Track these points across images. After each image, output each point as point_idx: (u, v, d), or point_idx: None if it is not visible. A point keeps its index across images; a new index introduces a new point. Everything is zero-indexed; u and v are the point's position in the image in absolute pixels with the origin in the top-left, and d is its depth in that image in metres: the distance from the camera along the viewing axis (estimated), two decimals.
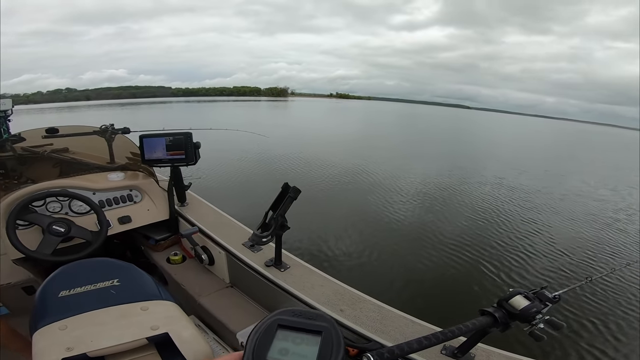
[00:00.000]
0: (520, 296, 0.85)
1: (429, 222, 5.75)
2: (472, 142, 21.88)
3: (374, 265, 4.22)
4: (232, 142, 11.10)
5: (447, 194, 7.48)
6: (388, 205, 6.44)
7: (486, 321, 0.82)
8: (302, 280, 1.49)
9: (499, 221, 5.92)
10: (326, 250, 4.50)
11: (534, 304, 0.82)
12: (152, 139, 1.93)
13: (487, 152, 16.73)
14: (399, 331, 1.20)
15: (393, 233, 5.28)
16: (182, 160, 1.96)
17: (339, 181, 8.05)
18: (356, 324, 1.24)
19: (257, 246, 1.70)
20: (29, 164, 2.30)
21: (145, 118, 26.51)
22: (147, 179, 2.16)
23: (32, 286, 1.89)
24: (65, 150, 2.41)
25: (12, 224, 1.61)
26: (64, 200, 1.83)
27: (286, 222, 1.38)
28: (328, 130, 21.39)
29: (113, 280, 1.26)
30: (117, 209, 2.01)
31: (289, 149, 11.57)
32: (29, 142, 2.34)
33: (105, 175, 2.06)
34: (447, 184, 8.31)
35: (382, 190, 7.44)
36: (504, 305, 0.84)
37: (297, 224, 3.92)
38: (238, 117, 30.56)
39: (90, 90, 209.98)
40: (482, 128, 39.05)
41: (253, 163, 9.61)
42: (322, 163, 9.71)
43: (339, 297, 1.38)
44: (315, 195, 6.78)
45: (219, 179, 7.76)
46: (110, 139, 2.39)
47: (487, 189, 8.20)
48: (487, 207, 6.69)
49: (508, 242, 5.06)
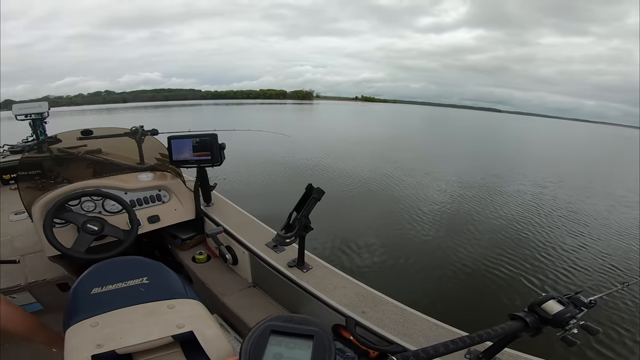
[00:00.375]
0: (554, 301, 0.82)
1: (455, 226, 5.65)
2: (506, 146, 21.17)
3: (398, 268, 4.20)
4: (256, 143, 11.23)
5: (476, 199, 7.32)
6: (413, 209, 6.38)
7: (516, 326, 0.81)
8: (324, 281, 1.50)
9: (531, 227, 5.73)
10: (349, 251, 4.50)
11: (568, 309, 0.80)
12: (179, 140, 1.98)
13: (523, 157, 16.03)
14: (422, 334, 1.19)
15: (417, 235, 5.23)
16: (208, 161, 2.00)
17: (363, 183, 8.02)
18: (378, 326, 1.24)
19: (280, 247, 1.72)
20: (64, 165, 2.41)
21: (177, 120, 27.29)
22: (175, 179, 2.22)
23: (66, 283, 1.95)
24: (99, 151, 2.51)
25: (49, 222, 1.68)
26: (97, 200, 1.91)
27: (310, 223, 1.39)
28: (353, 133, 21.23)
29: (143, 279, 1.29)
30: (147, 208, 2.08)
31: (312, 151, 11.64)
32: (64, 144, 2.45)
33: (135, 176, 2.13)
34: (477, 188, 8.13)
35: (407, 193, 7.38)
36: (536, 309, 0.82)
37: (320, 225, 3.94)
38: (265, 119, 30.79)
39: (127, 93, 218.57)
40: (517, 132, 37.58)
41: (276, 164, 9.69)
42: (346, 165, 9.70)
43: (361, 298, 1.38)
44: (338, 196, 6.80)
45: (242, 180, 7.88)
46: (140, 140, 2.48)
47: (522, 196, 7.88)
48: (520, 213, 6.49)
49: (538, 248, 4.91)
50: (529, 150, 19.09)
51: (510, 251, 4.72)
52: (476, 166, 11.24)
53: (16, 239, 2.29)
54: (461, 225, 5.65)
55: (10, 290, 1.78)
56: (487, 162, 12.55)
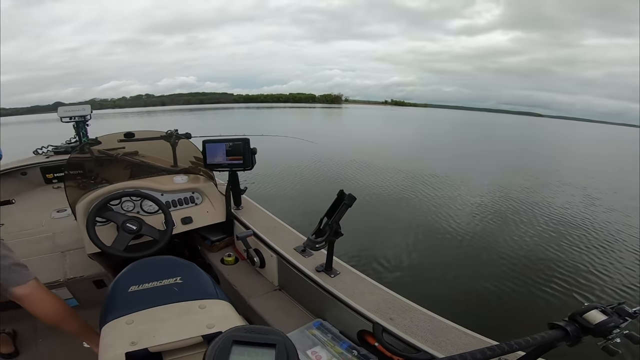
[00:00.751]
0: (597, 310, 0.82)
1: (490, 235, 5.52)
2: (552, 152, 20.15)
3: (428, 276, 4.16)
4: (284, 149, 11.17)
5: (513, 207, 7.08)
6: (445, 217, 6.25)
7: (555, 335, 0.80)
8: (351, 286, 1.50)
9: (580, 242, 5.48)
10: (378, 258, 4.47)
11: (612, 319, 0.79)
12: (214, 144, 2.05)
13: (570, 163, 15.14)
14: (451, 343, 1.17)
15: (450, 243, 5.14)
16: (240, 165, 2.05)
17: (394, 190, 7.93)
18: (406, 333, 1.23)
19: (308, 251, 1.75)
20: (104, 166, 2.54)
21: (211, 124, 28.03)
22: (208, 182, 2.29)
23: (102, 280, 2.03)
24: (135, 153, 2.64)
25: (92, 221, 1.77)
26: (136, 200, 2.00)
27: (340, 228, 1.40)
28: (384, 138, 20.83)
29: (176, 278, 1.32)
30: (181, 210, 2.16)
31: (342, 157, 11.56)
32: (103, 145, 2.59)
33: (171, 178, 2.22)
34: (518, 198, 7.77)
35: (440, 202, 7.20)
36: (577, 319, 0.81)
37: (350, 230, 3.93)
38: (294, 123, 30.97)
39: (165, 96, 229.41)
40: (561, 137, 35.51)
41: (302, 169, 9.70)
42: (378, 171, 9.62)
43: (389, 305, 1.38)
44: (369, 202, 6.76)
45: (271, 185, 7.97)
46: (175, 144, 2.59)
47: (571, 207, 7.39)
48: (568, 225, 6.17)
49: (587, 264, 4.73)
50: (576, 156, 18.07)
51: (554, 266, 4.57)
52: (518, 174, 10.75)
53: (57, 236, 2.42)
54: (499, 234, 5.50)
55: (50, 286, 1.84)
56: (530, 169, 11.89)
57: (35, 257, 2.11)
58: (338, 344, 1.43)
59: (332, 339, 1.46)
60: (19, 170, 3.51)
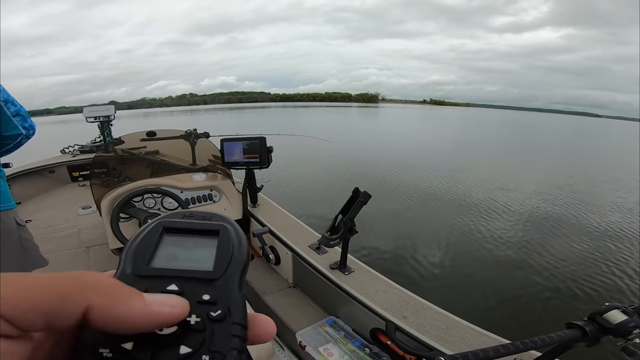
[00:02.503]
0: (617, 310, 0.80)
1: (514, 238, 5.34)
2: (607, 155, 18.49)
3: (444, 275, 4.09)
4: (305, 147, 11.15)
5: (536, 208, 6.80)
6: (466, 219, 6.09)
7: (573, 334, 0.79)
8: (365, 284, 1.51)
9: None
10: (395, 257, 4.45)
11: (633, 319, 0.77)
12: (231, 142, 2.10)
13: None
14: (465, 342, 1.17)
15: (468, 246, 5.03)
16: (256, 164, 2.10)
17: (426, 192, 7.71)
18: (419, 331, 1.23)
19: (323, 248, 1.76)
20: (127, 164, 2.63)
21: (248, 121, 28.06)
22: (225, 180, 2.34)
23: None
24: (156, 152, 2.72)
25: (116, 217, 1.85)
26: (158, 197, 2.06)
27: (354, 226, 1.41)
28: (433, 144, 18.86)
29: None
30: (200, 207, 2.21)
31: (385, 159, 11.18)
32: (127, 145, 2.68)
33: (190, 176, 2.28)
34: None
35: (464, 206, 6.96)
36: (597, 319, 0.80)
37: (367, 229, 3.83)
38: (334, 125, 30.09)
39: (207, 96, 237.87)
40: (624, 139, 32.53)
41: (326, 168, 9.54)
42: (412, 172, 9.41)
43: (402, 303, 1.38)
44: (390, 202, 6.68)
45: (288, 183, 7.96)
46: (194, 143, 2.65)
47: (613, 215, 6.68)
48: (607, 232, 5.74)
49: (594, 262, 4.56)
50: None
51: (568, 264, 4.43)
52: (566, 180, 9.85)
53: (83, 232, 2.51)
54: (521, 240, 5.32)
55: None
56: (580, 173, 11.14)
57: (61, 252, 2.20)
58: (350, 341, 1.43)
59: (344, 337, 1.47)
60: (47, 168, 3.67)
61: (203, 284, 0.24)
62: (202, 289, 0.23)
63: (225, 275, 0.25)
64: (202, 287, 0.24)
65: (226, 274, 0.25)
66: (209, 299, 0.23)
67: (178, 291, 0.23)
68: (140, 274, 0.24)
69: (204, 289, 0.23)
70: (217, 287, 0.24)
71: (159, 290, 0.23)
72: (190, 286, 0.23)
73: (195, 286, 0.24)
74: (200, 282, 0.24)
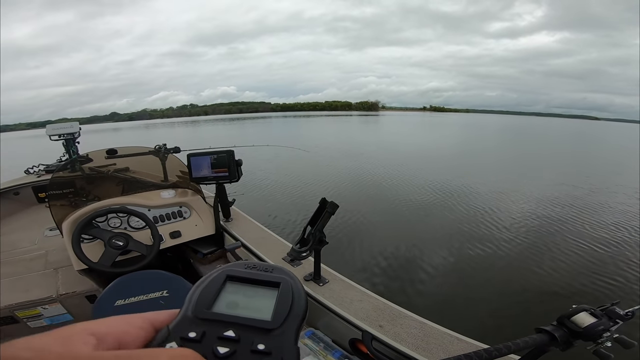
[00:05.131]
0: (585, 313, 0.78)
1: (482, 233, 5.41)
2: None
3: (417, 282, 4.04)
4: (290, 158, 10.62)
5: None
6: (430, 218, 6.20)
7: (542, 339, 0.77)
8: (340, 295, 1.49)
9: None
10: (367, 266, 4.41)
11: (601, 322, 0.75)
12: (198, 157, 2.04)
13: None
14: (442, 349, 1.15)
15: (434, 245, 5.06)
16: (226, 178, 2.05)
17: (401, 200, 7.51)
18: (396, 340, 1.21)
19: (296, 261, 1.73)
20: (95, 183, 2.53)
21: (249, 132, 27.55)
22: (195, 195, 2.28)
23: (94, 295, 2.01)
24: (127, 169, 2.63)
25: (77, 238, 1.78)
26: (123, 216, 1.99)
27: (324, 237, 1.38)
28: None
29: (162, 292, 1.34)
30: (169, 224, 2.14)
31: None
32: (95, 163, 2.58)
33: (158, 193, 2.21)
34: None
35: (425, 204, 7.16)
36: (565, 322, 0.78)
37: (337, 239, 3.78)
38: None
39: (208, 106, 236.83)
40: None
41: (308, 178, 9.10)
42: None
43: (378, 312, 1.36)
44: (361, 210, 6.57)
45: (264, 195, 7.72)
46: (164, 158, 2.57)
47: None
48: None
49: (569, 257, 4.64)
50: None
51: (543, 262, 4.48)
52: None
53: (50, 253, 2.41)
54: (486, 234, 5.42)
55: (43, 301, 1.86)
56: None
57: (28, 275, 2.11)
58: (330, 352, 1.39)
59: (324, 348, 1.42)
60: (11, 190, 3.51)
61: (260, 333, 0.25)
62: (258, 338, 0.24)
63: (282, 326, 0.25)
64: (258, 336, 0.24)
65: (283, 325, 0.25)
66: (264, 349, 0.23)
67: (234, 338, 0.24)
68: (200, 317, 0.25)
69: (260, 338, 0.24)
70: (274, 338, 0.25)
71: (216, 335, 0.24)
72: (247, 334, 0.24)
73: (252, 334, 0.24)
74: (257, 331, 0.25)
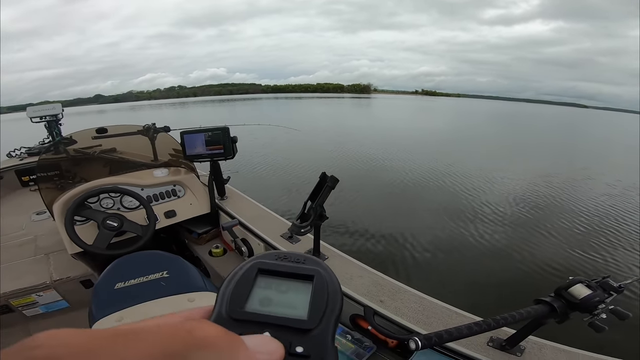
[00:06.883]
0: (581, 285, 0.79)
1: (474, 210, 5.49)
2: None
3: (415, 256, 4.09)
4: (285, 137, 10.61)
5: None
6: (426, 196, 6.25)
7: (542, 310, 0.78)
8: (340, 271, 1.48)
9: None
10: (367, 242, 4.42)
11: (597, 293, 0.77)
12: (192, 135, 1.99)
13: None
14: (442, 322, 1.17)
15: (433, 221, 5.09)
16: (220, 155, 2.01)
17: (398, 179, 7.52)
18: (397, 315, 1.23)
19: (295, 237, 1.72)
20: (81, 165, 2.45)
21: (239, 111, 27.32)
22: (189, 174, 2.23)
23: (89, 280, 1.98)
24: (114, 150, 2.55)
25: (70, 220, 1.72)
26: (116, 197, 1.94)
27: (324, 212, 1.37)
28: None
29: (163, 272, 1.32)
30: (163, 203, 2.10)
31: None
32: (80, 144, 2.49)
33: (151, 172, 2.16)
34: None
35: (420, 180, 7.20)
36: (563, 294, 0.79)
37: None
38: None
39: (197, 88, 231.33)
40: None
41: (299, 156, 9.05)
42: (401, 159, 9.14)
43: (378, 287, 1.37)
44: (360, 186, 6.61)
45: (259, 172, 7.62)
46: (153, 138, 2.49)
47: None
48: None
49: (562, 232, 4.74)
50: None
51: (536, 237, 4.57)
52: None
53: (39, 238, 2.34)
54: (481, 211, 5.48)
55: (37, 288, 1.81)
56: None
57: (18, 261, 2.05)
58: None
59: None
60: None
61: (297, 334, 0.23)
62: (295, 339, 0.23)
63: (319, 326, 0.24)
64: (295, 337, 0.23)
65: (321, 324, 0.24)
66: (302, 352, 0.22)
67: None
68: (235, 318, 0.24)
69: (298, 339, 0.23)
70: (312, 339, 0.23)
71: None
72: (284, 335, 0.23)
73: (289, 335, 0.23)
74: (294, 332, 0.24)
